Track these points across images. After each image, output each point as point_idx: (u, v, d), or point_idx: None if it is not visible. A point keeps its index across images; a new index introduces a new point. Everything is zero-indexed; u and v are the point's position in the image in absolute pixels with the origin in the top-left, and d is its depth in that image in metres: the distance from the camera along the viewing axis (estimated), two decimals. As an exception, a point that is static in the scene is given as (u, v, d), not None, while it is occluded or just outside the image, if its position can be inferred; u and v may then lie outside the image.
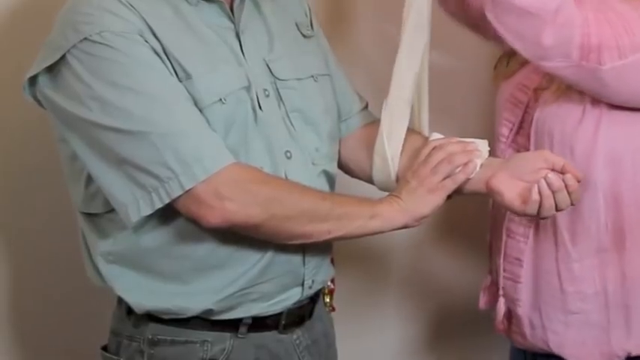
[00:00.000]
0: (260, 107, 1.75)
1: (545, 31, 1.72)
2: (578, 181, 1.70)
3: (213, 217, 1.65)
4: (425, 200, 1.75)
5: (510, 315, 1.96)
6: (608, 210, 1.81)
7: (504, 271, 1.92)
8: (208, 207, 1.64)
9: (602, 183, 1.80)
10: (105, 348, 1.84)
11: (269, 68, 1.79)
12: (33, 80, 1.71)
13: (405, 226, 1.76)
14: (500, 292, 1.95)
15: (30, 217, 2.22)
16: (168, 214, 1.69)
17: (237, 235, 1.71)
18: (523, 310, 1.90)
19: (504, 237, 1.92)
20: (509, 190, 1.72)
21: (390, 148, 1.85)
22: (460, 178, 1.77)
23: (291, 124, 1.80)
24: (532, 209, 1.69)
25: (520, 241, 1.89)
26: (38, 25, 1.86)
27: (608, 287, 1.84)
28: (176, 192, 1.63)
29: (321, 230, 1.71)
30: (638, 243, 1.83)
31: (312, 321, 1.88)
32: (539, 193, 1.69)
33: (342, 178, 1.94)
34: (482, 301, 2.04)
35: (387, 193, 1.81)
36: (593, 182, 1.79)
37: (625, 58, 1.73)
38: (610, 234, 1.82)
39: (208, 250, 1.73)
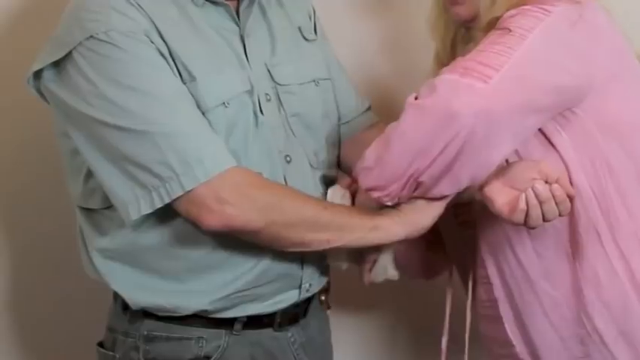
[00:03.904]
0: (261, 111, 1.75)
1: None
2: (570, 197, 1.68)
3: (213, 220, 1.64)
4: (424, 211, 1.72)
5: None
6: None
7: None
8: (208, 210, 1.64)
9: None
10: (101, 344, 1.84)
11: (270, 73, 1.79)
12: (38, 74, 1.71)
13: (406, 238, 1.73)
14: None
15: (27, 212, 2.21)
16: (166, 214, 1.69)
17: (236, 238, 1.70)
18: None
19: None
20: (500, 197, 1.68)
21: None
22: None
23: (291, 128, 1.80)
24: (519, 218, 1.67)
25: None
26: (38, 23, 1.85)
27: None
28: (176, 192, 1.63)
29: (321, 239, 1.70)
30: None
31: (307, 319, 1.88)
32: (526, 202, 1.68)
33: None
34: None
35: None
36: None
37: None
38: None
39: (206, 251, 1.73)
